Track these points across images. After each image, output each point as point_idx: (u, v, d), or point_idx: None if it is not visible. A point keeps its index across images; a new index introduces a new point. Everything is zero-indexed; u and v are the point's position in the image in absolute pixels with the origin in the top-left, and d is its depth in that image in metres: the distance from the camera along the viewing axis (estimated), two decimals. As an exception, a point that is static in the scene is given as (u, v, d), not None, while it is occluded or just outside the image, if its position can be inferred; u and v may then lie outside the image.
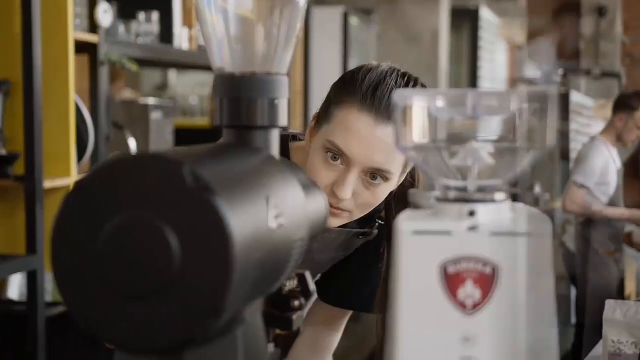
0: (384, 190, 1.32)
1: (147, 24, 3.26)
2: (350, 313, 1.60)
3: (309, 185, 0.85)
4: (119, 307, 0.62)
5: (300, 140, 1.47)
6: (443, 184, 0.71)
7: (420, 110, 0.71)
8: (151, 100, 3.55)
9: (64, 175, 2.74)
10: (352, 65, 5.23)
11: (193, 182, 0.61)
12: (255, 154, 0.76)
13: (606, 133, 4.67)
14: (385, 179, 1.30)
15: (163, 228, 0.61)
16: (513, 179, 0.72)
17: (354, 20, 5.90)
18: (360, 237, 1.48)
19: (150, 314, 0.61)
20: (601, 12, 7.78)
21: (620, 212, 4.70)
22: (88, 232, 0.63)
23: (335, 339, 1.60)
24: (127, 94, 4.69)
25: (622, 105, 4.63)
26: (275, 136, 0.80)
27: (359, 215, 1.35)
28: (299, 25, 0.81)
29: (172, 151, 0.66)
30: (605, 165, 4.61)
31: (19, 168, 2.59)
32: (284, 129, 0.82)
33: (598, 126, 6.07)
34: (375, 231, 1.48)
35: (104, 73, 2.94)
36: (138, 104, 3.38)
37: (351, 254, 1.51)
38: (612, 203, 4.57)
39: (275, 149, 0.80)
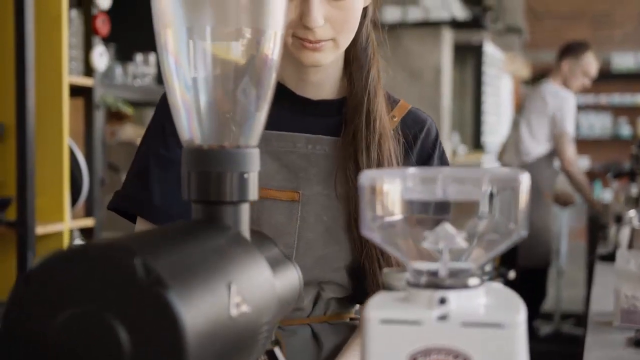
0: (355, 1, 1.25)
1: (144, 65, 3.25)
2: None
3: (280, 260, 0.82)
4: (68, 405, 0.59)
5: None
6: (413, 267, 0.68)
7: (388, 190, 0.68)
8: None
9: (58, 220, 2.71)
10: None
11: (144, 275, 0.58)
12: (222, 232, 0.73)
13: (554, 79, 4.72)
14: None
15: (113, 323, 0.58)
16: (487, 262, 0.68)
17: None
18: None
19: (100, 413, 0.58)
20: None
21: (589, 194, 4.78)
22: (37, 325, 0.60)
23: None
24: (129, 131, 4.68)
25: (568, 51, 4.76)
26: (245, 211, 0.77)
27: (344, 41, 1.27)
28: (271, 87, 0.78)
29: (127, 238, 0.63)
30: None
31: (11, 213, 2.56)
32: None
33: (506, 79, 6.06)
34: None
35: (99, 116, 2.92)
36: (135, 146, 3.36)
37: None
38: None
39: (244, 225, 0.77)
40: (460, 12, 6.29)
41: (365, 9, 1.32)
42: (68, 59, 2.78)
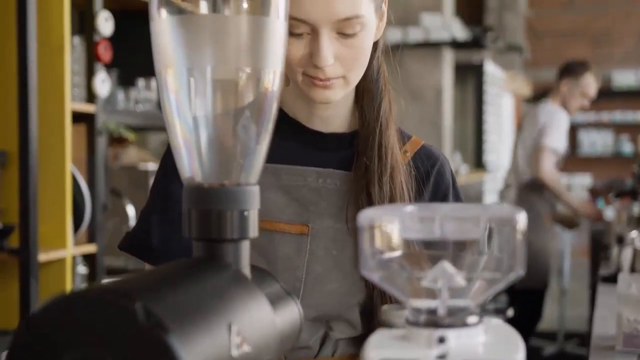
0: (365, 38, 1.23)
1: (146, 90, 3.26)
2: None
3: (281, 296, 0.82)
4: None
5: None
6: (412, 306, 0.68)
7: (386, 229, 0.69)
8: (151, 166, 3.54)
9: (60, 247, 2.71)
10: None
11: (145, 319, 0.58)
12: (222, 271, 0.74)
13: (553, 99, 4.73)
14: (361, 25, 1.21)
15: (114, 367, 0.58)
16: (486, 300, 0.69)
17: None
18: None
19: None
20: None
21: (577, 202, 4.73)
22: (39, 369, 0.60)
23: None
24: (132, 154, 4.68)
25: (567, 71, 4.75)
26: (245, 248, 0.77)
27: (354, 77, 1.25)
28: (272, 121, 0.79)
29: (128, 281, 0.63)
30: (566, 131, 4.68)
31: (13, 240, 2.56)
32: None
33: (507, 98, 6.02)
34: None
35: (101, 142, 2.93)
36: (138, 170, 3.38)
37: None
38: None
39: (245, 262, 0.77)
40: (461, 33, 6.30)
41: (375, 43, 1.31)
42: (70, 86, 2.79)
